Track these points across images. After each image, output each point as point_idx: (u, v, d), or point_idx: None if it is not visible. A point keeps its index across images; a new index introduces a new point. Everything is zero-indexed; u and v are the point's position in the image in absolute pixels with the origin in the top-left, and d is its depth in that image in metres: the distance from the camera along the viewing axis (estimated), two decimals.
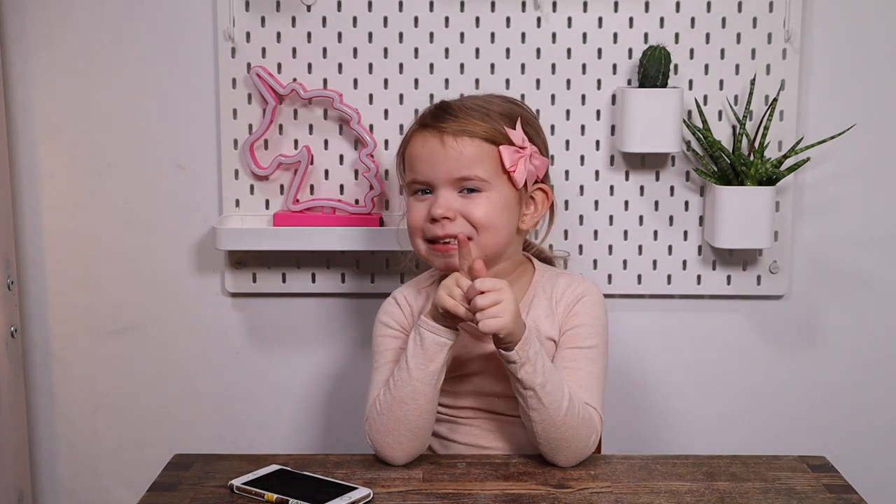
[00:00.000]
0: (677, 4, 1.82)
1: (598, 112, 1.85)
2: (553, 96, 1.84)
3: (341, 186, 1.87)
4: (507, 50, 1.83)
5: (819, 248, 1.90)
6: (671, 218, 1.88)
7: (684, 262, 1.89)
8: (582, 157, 1.86)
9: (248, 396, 1.95)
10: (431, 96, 1.83)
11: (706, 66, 1.84)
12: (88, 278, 1.92)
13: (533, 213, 1.55)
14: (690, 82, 1.84)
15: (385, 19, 1.82)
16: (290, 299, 1.92)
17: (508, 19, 1.83)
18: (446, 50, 1.83)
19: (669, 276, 1.89)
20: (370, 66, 1.84)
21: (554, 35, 1.83)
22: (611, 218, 1.88)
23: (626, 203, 1.87)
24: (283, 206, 1.87)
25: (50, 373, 1.95)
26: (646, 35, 1.83)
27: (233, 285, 1.90)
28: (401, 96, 1.84)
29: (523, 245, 1.59)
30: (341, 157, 1.86)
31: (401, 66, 1.83)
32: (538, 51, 1.83)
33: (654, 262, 1.89)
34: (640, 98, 1.77)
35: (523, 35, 1.83)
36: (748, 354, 1.94)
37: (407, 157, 1.53)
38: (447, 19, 1.82)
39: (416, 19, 1.82)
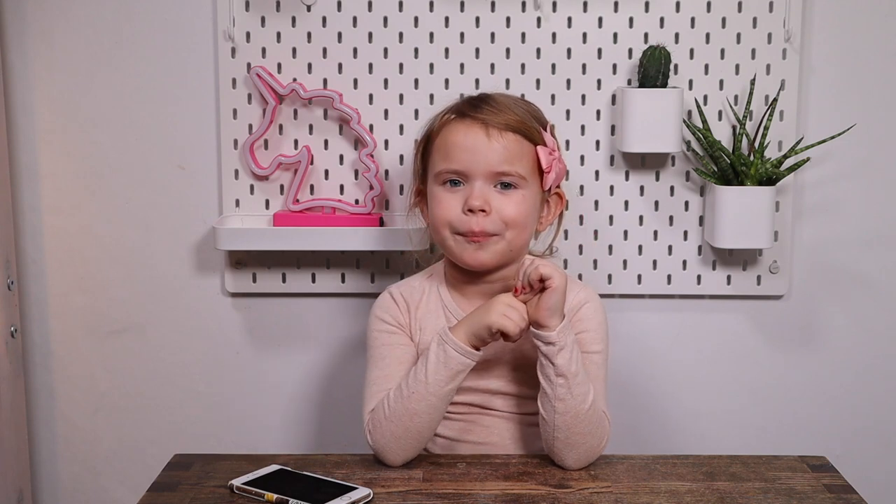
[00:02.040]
0: (677, 4, 1.82)
1: (598, 112, 1.85)
2: (553, 96, 1.84)
3: (341, 186, 1.87)
4: (507, 50, 1.83)
5: (819, 248, 1.90)
6: (671, 218, 1.88)
7: (684, 262, 1.89)
8: (582, 157, 1.86)
9: (248, 396, 1.95)
10: (431, 96, 1.83)
11: (706, 66, 1.84)
12: (88, 278, 1.92)
13: (547, 215, 1.56)
14: (690, 82, 1.84)
15: (385, 19, 1.82)
16: (290, 299, 1.92)
17: (508, 19, 1.83)
18: (446, 50, 1.83)
19: (669, 276, 1.89)
20: (370, 66, 1.84)
21: (554, 35, 1.83)
22: (611, 218, 1.88)
23: (626, 203, 1.87)
24: (283, 206, 1.87)
25: (50, 373, 1.95)
26: (646, 35, 1.83)
27: (233, 285, 1.90)
28: (401, 96, 1.84)
29: None
30: (341, 157, 1.86)
31: (401, 66, 1.83)
32: (538, 51, 1.83)
33: (654, 262, 1.89)
34: (640, 98, 1.77)
35: (523, 35, 1.83)
36: (748, 354, 1.94)
37: (440, 145, 1.51)
38: (447, 19, 1.82)
39: (416, 19, 1.82)
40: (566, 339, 1.40)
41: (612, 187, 1.87)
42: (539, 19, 1.83)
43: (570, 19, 1.83)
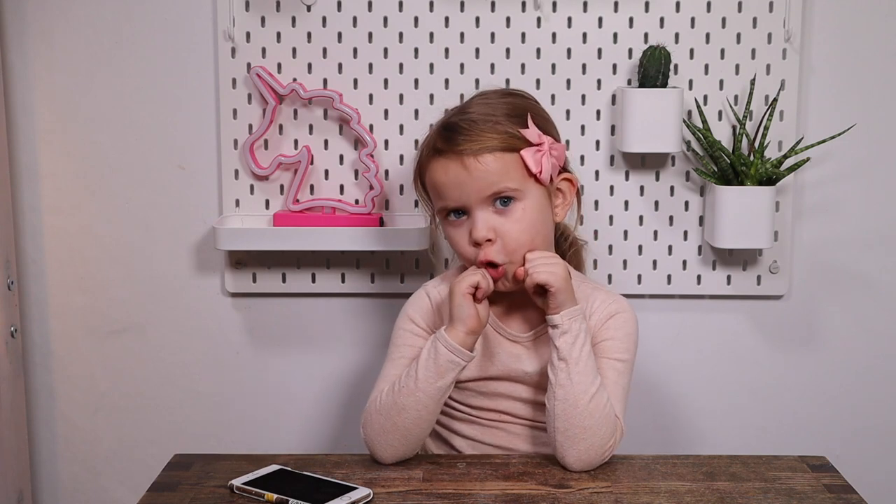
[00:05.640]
0: (677, 4, 1.82)
1: (598, 112, 1.85)
2: (553, 96, 1.84)
3: (341, 186, 1.87)
4: (507, 50, 1.83)
5: (819, 248, 1.90)
6: (671, 218, 1.88)
7: (684, 262, 1.89)
8: (582, 157, 1.86)
9: (248, 396, 1.95)
10: (431, 96, 1.83)
11: (706, 66, 1.84)
12: (88, 278, 1.92)
13: (563, 203, 1.54)
14: (690, 82, 1.84)
15: (385, 19, 1.83)
16: (290, 299, 1.92)
17: (508, 19, 1.83)
18: (446, 50, 1.83)
19: (669, 276, 1.89)
20: (370, 66, 1.84)
21: (554, 35, 1.83)
22: (611, 218, 1.88)
23: (626, 203, 1.88)
24: (283, 206, 1.87)
25: (50, 373, 1.95)
26: (646, 35, 1.83)
27: (233, 285, 1.90)
28: (401, 96, 1.84)
29: None
30: (341, 157, 1.86)
31: (401, 66, 1.83)
32: (538, 51, 1.83)
33: (654, 262, 1.89)
34: (640, 98, 1.77)
35: (523, 35, 1.83)
36: (748, 354, 1.94)
37: (429, 185, 1.50)
38: (447, 19, 1.82)
39: (416, 19, 1.82)
40: (571, 324, 1.41)
41: (612, 187, 1.87)
42: (539, 19, 1.83)
43: (570, 19, 1.83)
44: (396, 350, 1.52)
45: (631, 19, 1.82)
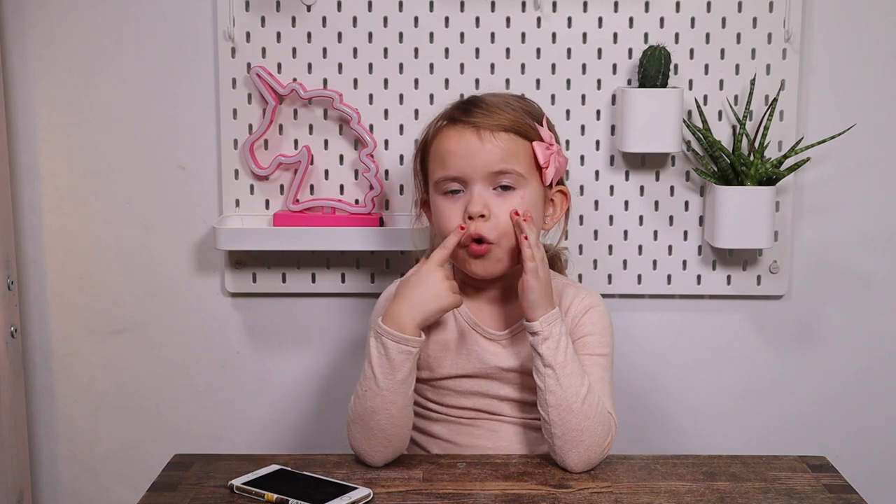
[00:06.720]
0: (677, 4, 1.82)
1: (598, 112, 1.85)
2: (553, 96, 1.84)
3: (341, 186, 1.87)
4: (507, 50, 1.83)
5: (819, 248, 1.90)
6: (671, 218, 1.88)
7: (684, 262, 1.89)
8: (582, 157, 1.86)
9: (248, 396, 1.95)
10: (431, 96, 1.83)
11: (706, 66, 1.84)
12: (88, 278, 1.92)
13: (552, 214, 1.55)
14: (690, 82, 1.84)
15: (385, 19, 1.83)
16: (290, 299, 1.92)
17: (508, 19, 1.83)
18: (446, 50, 1.83)
19: (669, 276, 1.89)
20: (370, 66, 1.84)
21: (554, 35, 1.83)
22: (611, 218, 1.88)
23: (626, 203, 1.88)
24: (283, 206, 1.87)
25: (50, 373, 1.95)
26: (646, 35, 1.83)
27: (233, 285, 1.91)
28: (401, 96, 1.84)
29: None
30: (341, 157, 1.86)
31: (401, 66, 1.83)
32: (538, 51, 1.83)
33: (654, 262, 1.89)
34: (640, 98, 1.77)
35: (523, 35, 1.83)
36: (748, 354, 1.94)
37: (435, 153, 1.50)
38: (447, 19, 1.82)
39: (416, 19, 1.82)
40: (551, 329, 1.41)
41: (612, 187, 1.87)
42: (539, 19, 1.83)
43: (570, 19, 1.83)
44: None
45: (631, 19, 1.82)
